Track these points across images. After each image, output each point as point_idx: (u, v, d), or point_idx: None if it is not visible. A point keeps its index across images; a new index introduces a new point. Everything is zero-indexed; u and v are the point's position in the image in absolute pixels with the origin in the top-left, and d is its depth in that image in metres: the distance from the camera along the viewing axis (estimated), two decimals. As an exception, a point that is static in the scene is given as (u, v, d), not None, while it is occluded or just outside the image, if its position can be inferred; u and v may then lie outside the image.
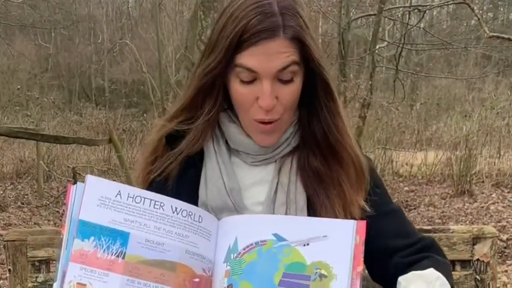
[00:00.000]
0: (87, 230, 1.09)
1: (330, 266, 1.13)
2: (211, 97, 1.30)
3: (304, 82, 1.28)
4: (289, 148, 1.34)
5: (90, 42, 23.44)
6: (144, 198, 1.13)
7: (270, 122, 1.25)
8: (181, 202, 1.16)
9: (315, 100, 1.30)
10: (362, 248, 1.17)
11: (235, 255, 1.17)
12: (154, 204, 1.13)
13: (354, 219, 1.26)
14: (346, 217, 1.28)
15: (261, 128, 1.26)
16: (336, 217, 1.27)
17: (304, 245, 1.14)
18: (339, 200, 1.30)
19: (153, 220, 1.13)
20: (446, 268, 1.30)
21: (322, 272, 1.13)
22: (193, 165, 1.35)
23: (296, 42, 1.21)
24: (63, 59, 22.68)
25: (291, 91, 1.24)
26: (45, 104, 15.78)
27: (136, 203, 1.12)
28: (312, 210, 1.29)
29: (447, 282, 1.24)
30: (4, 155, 11.73)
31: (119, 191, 1.12)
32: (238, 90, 1.25)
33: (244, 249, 1.16)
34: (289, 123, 1.31)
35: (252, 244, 1.16)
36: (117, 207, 1.11)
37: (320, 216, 1.27)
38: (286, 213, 1.27)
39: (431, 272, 1.24)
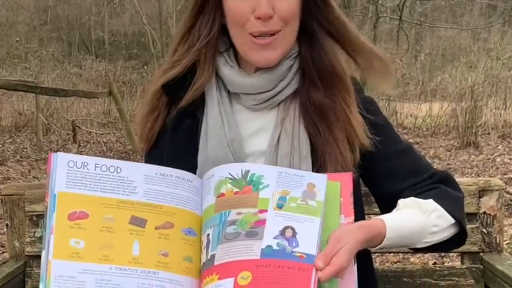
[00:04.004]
0: None
1: None
2: (207, 16, 1.31)
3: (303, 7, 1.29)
4: (290, 89, 1.32)
5: (89, -7, 23.05)
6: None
7: (269, 36, 1.25)
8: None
9: (312, 17, 1.30)
10: (350, 199, 1.19)
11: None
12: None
13: (361, 152, 1.30)
14: (352, 150, 1.29)
15: (258, 44, 1.26)
16: (340, 152, 1.27)
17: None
18: (343, 134, 1.28)
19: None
20: (453, 200, 1.30)
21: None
22: (189, 116, 1.33)
23: None
24: (62, 11, 22.40)
25: (288, 3, 1.25)
26: (44, 56, 15.67)
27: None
28: (316, 155, 1.28)
29: (447, 215, 1.26)
30: (3, 108, 11.70)
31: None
32: (234, 5, 1.26)
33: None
34: (290, 42, 1.30)
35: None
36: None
37: (324, 154, 1.27)
38: (290, 162, 1.27)
39: (429, 202, 1.26)
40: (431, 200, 1.26)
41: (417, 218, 1.24)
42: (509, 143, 8.59)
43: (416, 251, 1.33)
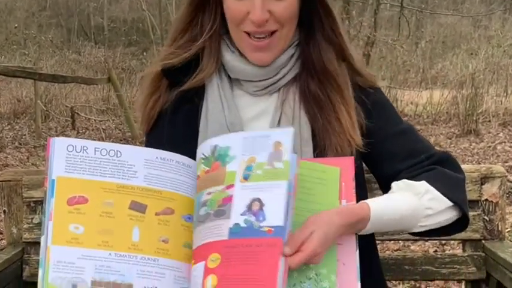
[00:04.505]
0: None
1: None
2: (209, 11, 1.31)
3: (303, 1, 1.28)
4: (291, 74, 1.31)
5: (88, -21, 22.92)
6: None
7: (264, 37, 1.25)
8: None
9: (313, 20, 1.29)
10: (352, 184, 1.17)
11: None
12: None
13: (357, 146, 1.28)
14: (348, 143, 1.27)
15: (253, 45, 1.26)
16: (338, 142, 1.26)
17: None
18: (339, 126, 1.27)
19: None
20: (450, 182, 1.26)
21: None
22: (188, 101, 1.33)
23: None
24: (61, -3, 22.27)
25: (285, 6, 1.23)
26: (43, 42, 15.57)
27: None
28: (316, 141, 1.27)
29: (441, 197, 1.22)
30: (1, 95, 11.65)
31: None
32: (231, 5, 1.25)
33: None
34: (287, 40, 1.29)
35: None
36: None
37: (323, 140, 1.26)
38: None
39: (421, 184, 1.23)
40: (424, 182, 1.23)
41: (408, 200, 1.21)
42: (510, 131, 8.58)
43: (416, 235, 1.30)
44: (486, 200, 1.74)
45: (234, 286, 1.03)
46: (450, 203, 1.24)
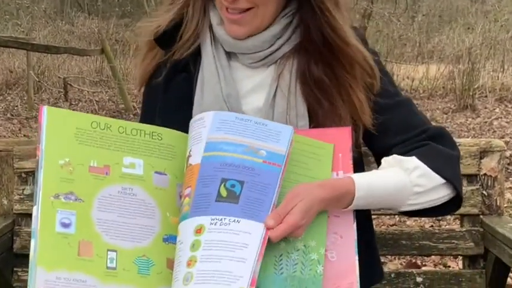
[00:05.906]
0: None
1: None
2: None
3: None
4: (289, 45, 1.26)
5: (81, -52, 22.58)
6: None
7: (238, 12, 1.20)
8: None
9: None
10: (349, 155, 1.16)
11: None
12: None
13: (364, 125, 1.24)
14: (356, 124, 1.23)
15: (227, 17, 1.22)
16: (342, 124, 1.21)
17: None
18: (347, 107, 1.22)
19: None
20: (443, 158, 1.20)
21: None
22: (183, 70, 1.29)
23: None
24: (53, -34, 21.97)
25: None
26: (36, 12, 15.43)
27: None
28: (314, 118, 1.23)
29: (432, 174, 1.17)
30: (-7, 65, 11.52)
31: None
32: None
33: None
34: (266, 18, 1.23)
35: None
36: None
37: (323, 124, 1.21)
38: (286, 120, 1.22)
39: (410, 160, 1.17)
40: (414, 158, 1.18)
41: (396, 176, 1.16)
42: (507, 106, 8.58)
43: (407, 215, 1.25)
44: (485, 174, 1.72)
45: None
46: (442, 180, 1.18)
